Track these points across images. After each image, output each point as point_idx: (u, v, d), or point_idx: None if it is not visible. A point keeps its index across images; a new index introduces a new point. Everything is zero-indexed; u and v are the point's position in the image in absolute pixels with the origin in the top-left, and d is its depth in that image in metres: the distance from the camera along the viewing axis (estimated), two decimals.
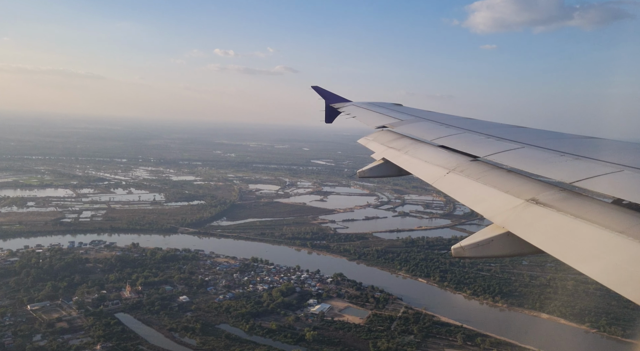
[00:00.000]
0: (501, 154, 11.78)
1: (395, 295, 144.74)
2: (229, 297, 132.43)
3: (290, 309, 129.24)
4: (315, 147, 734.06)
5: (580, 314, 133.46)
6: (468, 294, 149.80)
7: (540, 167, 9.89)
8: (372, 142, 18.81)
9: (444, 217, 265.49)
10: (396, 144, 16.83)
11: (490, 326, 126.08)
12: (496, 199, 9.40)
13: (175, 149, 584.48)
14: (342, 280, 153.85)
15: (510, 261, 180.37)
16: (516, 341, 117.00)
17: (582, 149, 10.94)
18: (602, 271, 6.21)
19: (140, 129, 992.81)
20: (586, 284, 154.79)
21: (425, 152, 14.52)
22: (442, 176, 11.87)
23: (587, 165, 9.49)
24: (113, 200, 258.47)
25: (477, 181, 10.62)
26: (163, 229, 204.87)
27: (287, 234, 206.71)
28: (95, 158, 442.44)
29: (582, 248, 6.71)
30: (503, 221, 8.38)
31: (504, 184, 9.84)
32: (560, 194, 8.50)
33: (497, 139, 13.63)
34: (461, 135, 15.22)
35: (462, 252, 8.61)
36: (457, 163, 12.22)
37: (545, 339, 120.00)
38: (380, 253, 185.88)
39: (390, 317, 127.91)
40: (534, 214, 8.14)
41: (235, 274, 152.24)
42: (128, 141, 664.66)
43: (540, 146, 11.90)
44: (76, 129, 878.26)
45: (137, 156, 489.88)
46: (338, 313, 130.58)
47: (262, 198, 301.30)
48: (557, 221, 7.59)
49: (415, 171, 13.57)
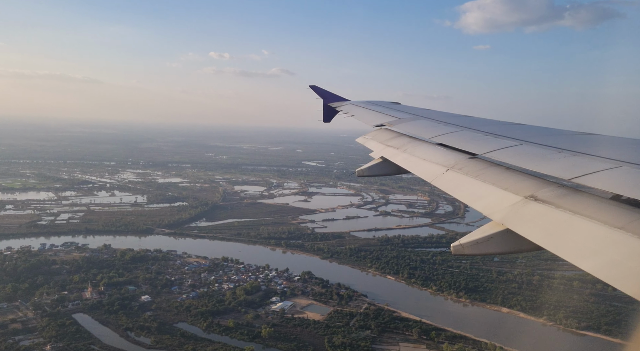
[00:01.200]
0: (499, 151, 11.77)
1: (360, 292, 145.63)
2: (192, 296, 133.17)
3: (251, 307, 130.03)
4: (309, 149, 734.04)
5: (539, 308, 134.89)
6: (434, 290, 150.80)
7: (538, 164, 9.93)
8: (370, 141, 18.72)
9: (425, 216, 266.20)
10: (394, 143, 16.79)
11: (450, 321, 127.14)
12: (495, 196, 9.41)
13: (166, 152, 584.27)
14: (310, 278, 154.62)
15: (482, 258, 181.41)
16: (471, 335, 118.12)
17: (580, 146, 10.98)
18: (602, 267, 6.17)
19: (136, 132, 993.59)
20: (550, 280, 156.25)
21: (424, 150, 14.57)
22: (440, 173, 11.89)
23: (586, 161, 9.48)
24: (94, 202, 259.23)
25: (475, 179, 10.63)
26: (139, 231, 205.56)
27: (263, 234, 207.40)
28: (84, 161, 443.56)
29: (581, 244, 6.73)
30: (502, 219, 8.40)
31: (503, 182, 9.86)
32: (559, 191, 8.49)
33: (495, 136, 13.66)
34: (459, 133, 15.23)
35: (461, 250, 8.71)
36: (455, 161, 12.24)
37: (500, 332, 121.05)
38: (353, 251, 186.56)
39: (350, 313, 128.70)
40: (532, 211, 8.16)
41: (203, 273, 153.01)
42: (120, 144, 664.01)
43: (539, 142, 11.94)
44: (70, 132, 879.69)
45: (127, 159, 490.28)
46: (300, 310, 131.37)
47: (246, 199, 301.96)
48: (556, 217, 7.62)
49: (414, 169, 13.57)
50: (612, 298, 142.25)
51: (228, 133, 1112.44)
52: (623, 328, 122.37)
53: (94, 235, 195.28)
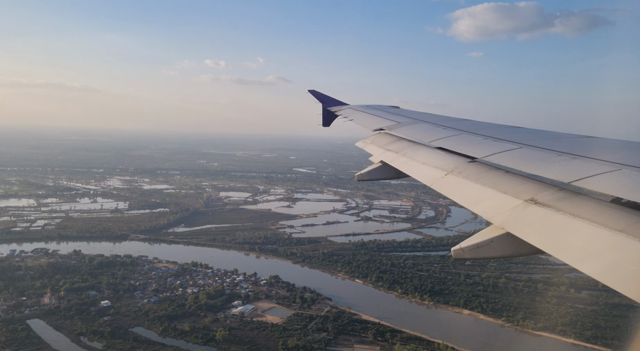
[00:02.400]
0: (499, 154, 11.74)
1: (325, 296, 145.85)
2: (153, 301, 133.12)
3: (212, 311, 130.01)
4: (302, 156, 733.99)
5: (499, 309, 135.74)
6: (399, 293, 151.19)
7: (538, 167, 9.89)
8: (369, 145, 18.65)
9: (406, 221, 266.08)
10: (394, 147, 16.75)
11: (409, 323, 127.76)
12: (495, 200, 9.39)
13: (158, 159, 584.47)
14: (276, 282, 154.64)
15: (453, 262, 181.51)
16: (427, 336, 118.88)
17: (580, 149, 10.96)
18: (602, 270, 6.15)
19: (131, 140, 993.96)
20: (516, 282, 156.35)
21: (423, 154, 14.52)
22: (440, 177, 11.82)
23: (585, 164, 9.45)
24: (73, 209, 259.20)
25: (475, 182, 10.59)
26: (114, 237, 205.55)
27: (238, 239, 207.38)
28: (73, 169, 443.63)
29: (581, 247, 6.70)
30: (502, 222, 8.37)
31: (503, 185, 9.85)
32: (559, 194, 8.47)
33: (494, 139, 13.64)
34: (458, 136, 15.18)
35: (462, 254, 8.56)
36: (455, 165, 12.17)
37: (456, 333, 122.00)
38: (326, 255, 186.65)
39: (310, 316, 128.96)
40: (533, 215, 8.13)
41: (169, 278, 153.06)
42: (113, 152, 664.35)
43: (538, 146, 11.90)
44: (64, 141, 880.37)
45: (117, 166, 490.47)
46: (260, 313, 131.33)
47: (228, 204, 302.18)
48: (556, 220, 7.60)
49: (414, 173, 13.54)
50: (574, 300, 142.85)
51: (224, 141, 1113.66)
52: (579, 328, 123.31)
53: (68, 241, 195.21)
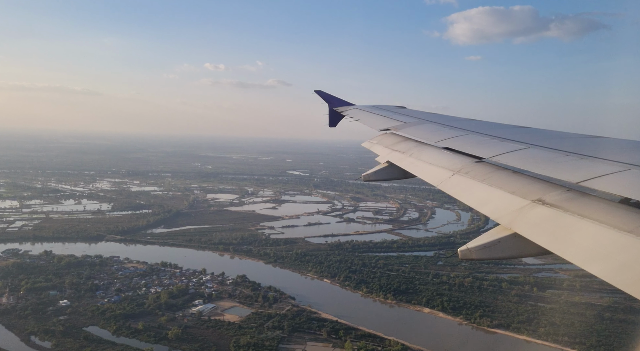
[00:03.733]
0: (506, 155, 11.67)
1: (289, 295, 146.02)
2: (113, 300, 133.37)
3: (171, 310, 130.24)
4: (299, 159, 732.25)
5: (459, 307, 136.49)
6: (364, 292, 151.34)
7: (545, 168, 9.82)
8: (376, 146, 18.63)
9: (388, 222, 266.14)
10: (400, 147, 16.74)
11: (367, 321, 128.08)
12: (502, 200, 9.35)
13: (153, 162, 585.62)
14: (243, 282, 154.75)
15: (425, 262, 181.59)
16: (381, 333, 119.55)
17: (588, 149, 10.88)
18: (611, 271, 6.10)
19: (130, 143, 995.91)
20: (482, 281, 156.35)
21: (430, 154, 14.46)
22: (447, 178, 11.77)
23: (593, 164, 9.37)
24: (55, 210, 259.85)
25: (482, 183, 10.52)
26: (90, 238, 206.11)
27: (214, 240, 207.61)
28: (64, 171, 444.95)
29: (590, 248, 6.63)
30: (510, 222, 8.35)
31: (510, 185, 9.78)
32: (567, 194, 8.39)
33: (501, 140, 13.55)
34: (465, 136, 15.11)
35: (469, 254, 8.55)
36: (462, 165, 12.12)
37: (411, 330, 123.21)
38: (299, 256, 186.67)
39: (269, 315, 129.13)
40: (540, 215, 8.07)
41: (135, 278, 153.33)
42: (109, 155, 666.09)
43: (545, 146, 11.81)
44: (63, 143, 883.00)
45: (110, 168, 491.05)
46: (220, 312, 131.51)
47: (213, 206, 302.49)
48: (563, 221, 7.53)
49: (420, 174, 13.48)
50: (536, 298, 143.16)
51: (223, 144, 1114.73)
52: (533, 326, 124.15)
53: (42, 242, 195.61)
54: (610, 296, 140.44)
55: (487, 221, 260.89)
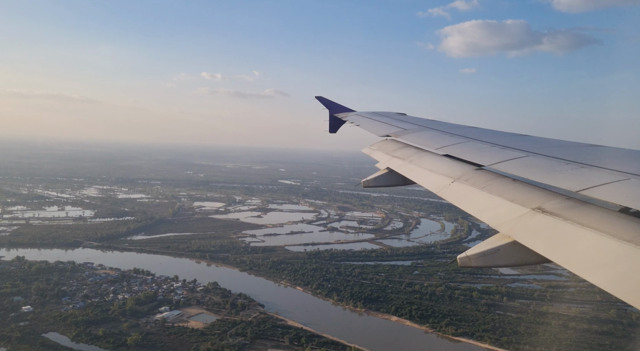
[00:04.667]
0: (506, 162, 11.61)
1: (258, 302, 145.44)
2: (78, 306, 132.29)
3: (135, 316, 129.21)
4: (293, 168, 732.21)
5: (427, 316, 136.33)
6: (335, 300, 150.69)
7: (545, 176, 9.76)
8: (376, 152, 18.60)
9: (372, 232, 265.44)
10: (400, 153, 16.69)
11: (333, 328, 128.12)
12: (502, 208, 9.31)
13: (145, 170, 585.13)
14: (214, 289, 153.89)
15: (402, 271, 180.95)
16: (344, 341, 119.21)
17: (588, 157, 10.81)
18: (610, 281, 6.04)
19: (125, 151, 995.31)
20: (454, 290, 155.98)
21: (430, 161, 14.43)
22: (446, 185, 11.74)
23: (593, 173, 9.32)
24: (37, 217, 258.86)
25: (482, 190, 10.50)
26: (67, 244, 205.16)
27: (192, 248, 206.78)
28: (53, 178, 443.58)
29: (589, 257, 6.59)
30: (509, 230, 8.29)
31: (510, 193, 9.76)
32: (567, 203, 8.38)
33: (501, 147, 13.51)
34: (465, 144, 15.11)
35: (468, 262, 8.45)
36: (461, 172, 12.09)
37: (376, 338, 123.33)
38: (275, 264, 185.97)
39: (234, 322, 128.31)
40: (540, 223, 8.02)
41: (104, 284, 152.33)
42: (102, 162, 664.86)
43: (545, 154, 11.76)
44: (57, 151, 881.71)
45: (100, 175, 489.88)
46: (185, 319, 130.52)
47: (198, 214, 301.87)
48: (563, 229, 7.49)
49: (420, 180, 13.44)
50: (505, 307, 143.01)
51: (219, 153, 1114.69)
52: (497, 334, 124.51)
53: (18, 248, 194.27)
54: (578, 306, 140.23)
55: (469, 232, 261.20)
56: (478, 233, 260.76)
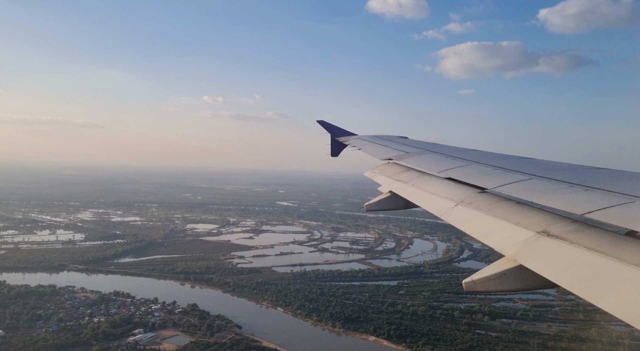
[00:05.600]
0: (510, 185, 11.46)
1: (235, 323, 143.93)
2: (51, 330, 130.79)
3: (108, 339, 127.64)
4: (292, 190, 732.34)
5: (405, 336, 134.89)
6: (314, 320, 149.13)
7: (550, 199, 9.65)
8: (378, 175, 18.41)
9: (362, 252, 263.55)
10: (403, 177, 16.53)
11: (307, 349, 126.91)
12: (506, 231, 9.18)
13: (143, 193, 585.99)
14: (192, 310, 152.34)
15: (387, 291, 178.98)
16: None
17: (592, 180, 10.71)
18: (620, 306, 5.88)
19: (126, 175, 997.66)
20: (435, 310, 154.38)
21: (432, 184, 14.21)
22: (450, 208, 11.60)
23: (598, 196, 9.23)
24: (26, 241, 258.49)
25: (486, 213, 10.39)
26: (52, 267, 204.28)
27: (177, 269, 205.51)
28: (50, 202, 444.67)
29: (597, 281, 6.43)
30: (514, 254, 8.14)
31: (514, 216, 9.65)
32: (572, 226, 8.24)
33: (504, 170, 13.37)
34: (468, 167, 14.96)
35: (473, 286, 8.29)
36: (465, 195, 11.95)
37: None
38: (259, 285, 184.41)
39: (208, 343, 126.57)
40: (546, 247, 7.86)
41: (82, 308, 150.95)
42: (101, 186, 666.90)
43: (549, 177, 11.65)
44: (58, 175, 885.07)
45: (98, 199, 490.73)
46: (158, 341, 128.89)
47: (189, 236, 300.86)
48: (570, 253, 7.32)
49: (423, 204, 13.31)
50: (486, 327, 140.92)
51: (220, 175, 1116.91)
52: None
53: (2, 272, 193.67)
54: (560, 325, 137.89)
55: (461, 252, 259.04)
56: (470, 252, 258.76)
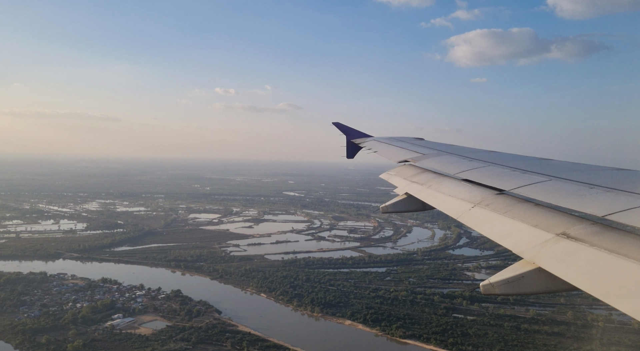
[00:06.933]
0: (528, 187, 11.37)
1: (216, 308, 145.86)
2: (33, 315, 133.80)
3: (86, 324, 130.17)
4: (302, 181, 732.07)
5: (380, 320, 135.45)
6: (294, 305, 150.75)
7: (569, 201, 9.55)
8: (394, 177, 18.40)
9: (359, 240, 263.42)
10: (419, 179, 16.54)
11: (282, 333, 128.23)
12: (525, 233, 9.11)
13: (153, 184, 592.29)
14: (176, 296, 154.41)
15: (373, 277, 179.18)
16: (289, 345, 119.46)
17: (614, 181, 10.59)
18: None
19: (140, 167, 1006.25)
20: (417, 295, 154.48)
21: (449, 186, 14.21)
22: (467, 210, 11.58)
23: (619, 197, 9.10)
24: (29, 230, 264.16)
25: (503, 215, 10.32)
26: (48, 256, 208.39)
27: (169, 257, 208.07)
28: (60, 193, 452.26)
29: (620, 285, 6.31)
30: (533, 257, 8.07)
31: (532, 218, 9.57)
32: (592, 228, 8.13)
33: (522, 172, 13.30)
34: (485, 168, 14.88)
35: (491, 289, 8.19)
36: (482, 197, 11.90)
37: (323, 341, 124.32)
38: (247, 271, 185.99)
39: (184, 328, 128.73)
40: (566, 249, 7.76)
41: (67, 294, 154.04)
42: (114, 178, 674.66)
43: (568, 178, 11.50)
44: (73, 168, 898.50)
45: (108, 190, 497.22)
46: (136, 326, 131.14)
47: (189, 225, 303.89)
48: (590, 256, 7.20)
49: (439, 206, 13.26)
50: (464, 311, 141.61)
51: (233, 167, 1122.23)
52: (445, 336, 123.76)
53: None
54: (537, 309, 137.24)
55: (457, 240, 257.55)
56: (467, 240, 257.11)
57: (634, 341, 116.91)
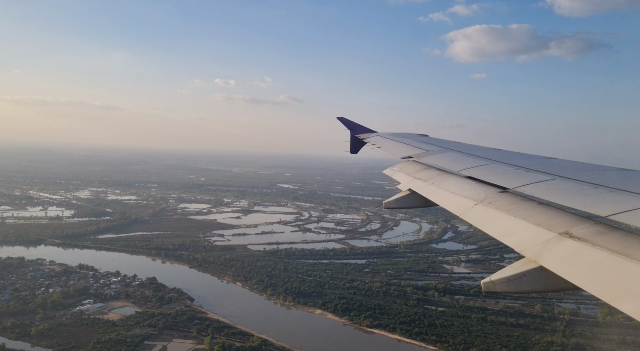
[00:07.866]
0: (531, 185, 11.36)
1: (189, 296, 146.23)
2: (3, 299, 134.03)
3: (56, 309, 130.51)
4: (299, 173, 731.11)
5: (350, 310, 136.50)
6: (268, 295, 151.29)
7: (573, 200, 9.52)
8: (397, 173, 18.35)
9: (344, 233, 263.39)
10: (422, 175, 16.48)
11: (250, 321, 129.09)
12: (527, 232, 9.10)
13: (149, 173, 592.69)
14: (150, 283, 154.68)
15: (351, 269, 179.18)
16: (255, 331, 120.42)
17: (617, 182, 10.59)
18: None
19: (138, 156, 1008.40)
20: (391, 286, 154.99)
21: (452, 183, 14.23)
22: (469, 207, 11.56)
23: (623, 198, 9.09)
24: (15, 216, 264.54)
25: (506, 213, 10.30)
26: (30, 241, 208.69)
27: (150, 246, 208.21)
28: (53, 180, 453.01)
29: (622, 285, 6.28)
30: (535, 255, 8.05)
31: (535, 217, 9.57)
32: (596, 228, 8.10)
33: (526, 170, 13.31)
34: (489, 166, 14.91)
35: (492, 287, 8.21)
36: (485, 195, 11.88)
37: (290, 329, 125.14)
38: (226, 261, 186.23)
39: (153, 314, 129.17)
40: (568, 249, 7.73)
41: (42, 279, 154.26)
42: (110, 166, 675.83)
43: (572, 177, 11.46)
44: (71, 156, 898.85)
45: (101, 178, 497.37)
46: (105, 311, 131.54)
47: (178, 214, 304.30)
48: (593, 256, 7.17)
49: (442, 202, 13.27)
50: (436, 302, 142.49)
51: (231, 158, 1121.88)
52: (411, 326, 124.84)
53: None
54: (507, 302, 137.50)
55: (443, 234, 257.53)
56: (452, 234, 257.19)
57: (595, 334, 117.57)
